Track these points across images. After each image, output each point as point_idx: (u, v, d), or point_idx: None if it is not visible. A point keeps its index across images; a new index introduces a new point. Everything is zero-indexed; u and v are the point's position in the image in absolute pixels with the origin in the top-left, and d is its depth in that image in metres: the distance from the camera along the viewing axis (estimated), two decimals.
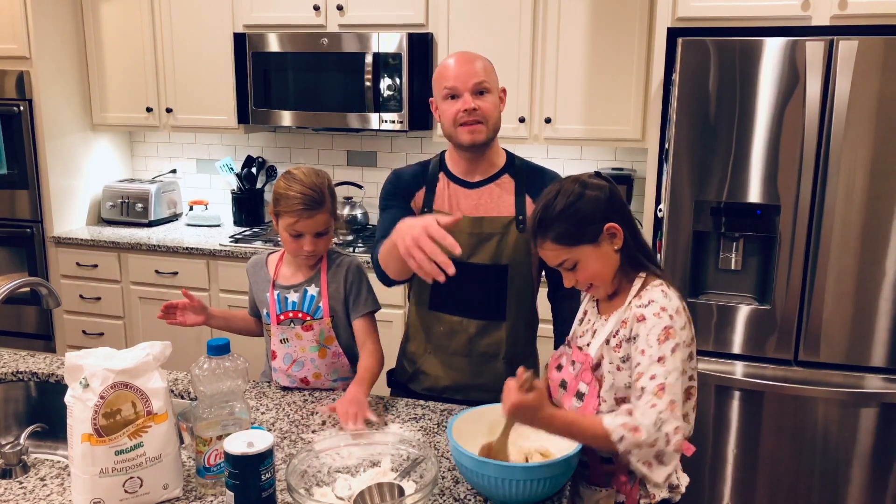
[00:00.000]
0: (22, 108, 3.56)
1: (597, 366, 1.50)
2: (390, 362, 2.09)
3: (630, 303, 1.48)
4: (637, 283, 1.50)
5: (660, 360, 1.40)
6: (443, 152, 2.00)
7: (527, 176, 1.93)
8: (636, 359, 1.42)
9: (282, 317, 1.93)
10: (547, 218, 1.48)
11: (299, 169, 1.90)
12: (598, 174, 1.54)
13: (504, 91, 1.92)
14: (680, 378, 1.41)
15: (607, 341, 1.49)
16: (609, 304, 1.55)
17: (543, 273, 1.98)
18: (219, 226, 3.88)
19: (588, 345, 1.54)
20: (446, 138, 1.91)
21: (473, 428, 1.53)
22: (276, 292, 1.94)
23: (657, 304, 1.43)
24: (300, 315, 1.93)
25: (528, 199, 1.90)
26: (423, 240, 1.47)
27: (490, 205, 1.90)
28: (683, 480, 1.57)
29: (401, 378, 2.06)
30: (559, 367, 1.61)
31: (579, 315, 1.65)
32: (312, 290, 1.94)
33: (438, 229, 1.47)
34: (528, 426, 1.41)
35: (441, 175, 1.96)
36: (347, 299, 1.96)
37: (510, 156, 1.97)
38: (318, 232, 1.87)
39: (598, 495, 1.53)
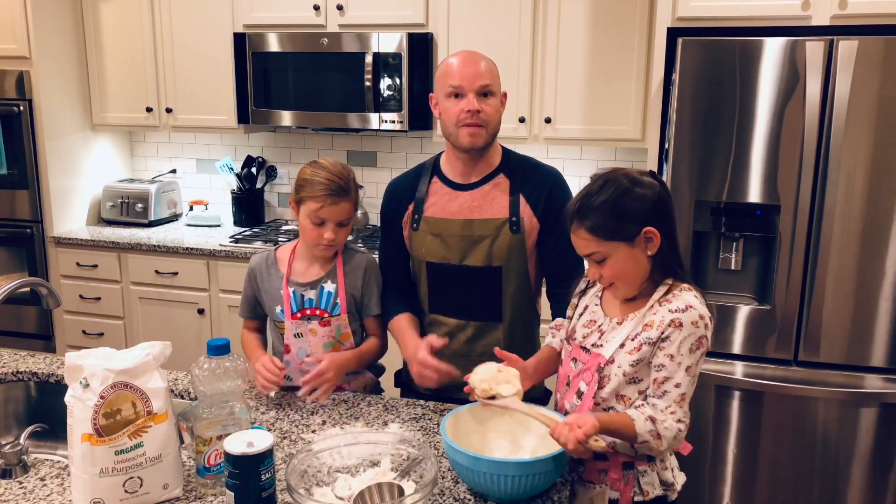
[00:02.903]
0: (22, 108, 3.56)
1: (604, 367, 1.49)
2: (397, 363, 2.09)
3: (652, 306, 1.46)
4: (662, 289, 1.47)
5: (687, 369, 1.42)
6: (439, 154, 2.01)
7: (521, 174, 1.93)
8: (661, 360, 1.43)
9: (299, 315, 1.93)
10: (587, 205, 1.44)
11: (325, 159, 1.92)
12: (652, 174, 1.49)
13: (505, 95, 1.93)
14: (694, 383, 1.45)
15: (622, 345, 1.47)
16: (623, 306, 1.52)
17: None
18: (219, 226, 3.88)
19: (594, 345, 1.52)
20: (445, 137, 1.91)
21: (467, 426, 1.54)
22: (291, 289, 1.94)
23: (696, 311, 1.42)
24: (318, 312, 1.93)
25: (523, 199, 1.90)
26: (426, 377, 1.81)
27: (483, 206, 1.91)
28: (679, 479, 1.57)
29: (406, 379, 2.06)
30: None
31: (579, 310, 1.62)
32: (329, 287, 1.93)
33: (431, 372, 1.79)
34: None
35: (434, 180, 1.97)
36: (362, 297, 1.97)
37: (506, 153, 1.97)
38: (340, 221, 1.87)
39: (592, 492, 1.53)
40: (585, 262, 1.54)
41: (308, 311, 1.93)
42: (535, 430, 1.52)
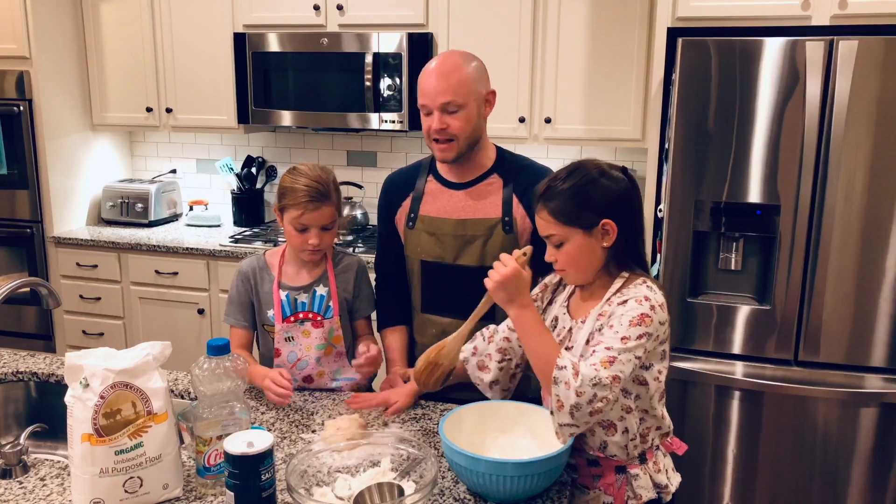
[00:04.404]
0: (22, 108, 3.56)
1: None
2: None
3: (610, 299, 1.47)
4: (618, 283, 1.48)
5: (623, 339, 1.39)
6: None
7: (515, 174, 1.93)
8: (604, 331, 1.42)
9: (292, 318, 1.93)
10: (553, 188, 1.48)
11: (305, 165, 1.92)
12: (623, 170, 1.52)
13: (492, 94, 1.91)
14: (634, 363, 1.39)
15: (587, 342, 1.48)
16: (583, 305, 1.54)
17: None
18: (219, 226, 3.88)
19: (567, 348, 1.53)
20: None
21: (466, 426, 1.54)
22: (283, 293, 1.93)
23: (642, 293, 1.43)
24: (311, 315, 1.93)
25: (515, 199, 1.90)
26: None
27: (477, 206, 1.91)
28: (674, 480, 1.56)
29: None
30: None
31: (549, 322, 1.62)
32: (321, 290, 1.94)
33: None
34: (505, 302, 1.48)
35: (430, 178, 1.98)
36: (353, 300, 1.98)
37: (500, 153, 1.97)
38: (323, 226, 1.87)
39: (586, 497, 1.53)
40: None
41: (301, 315, 1.93)
42: (535, 431, 1.52)
